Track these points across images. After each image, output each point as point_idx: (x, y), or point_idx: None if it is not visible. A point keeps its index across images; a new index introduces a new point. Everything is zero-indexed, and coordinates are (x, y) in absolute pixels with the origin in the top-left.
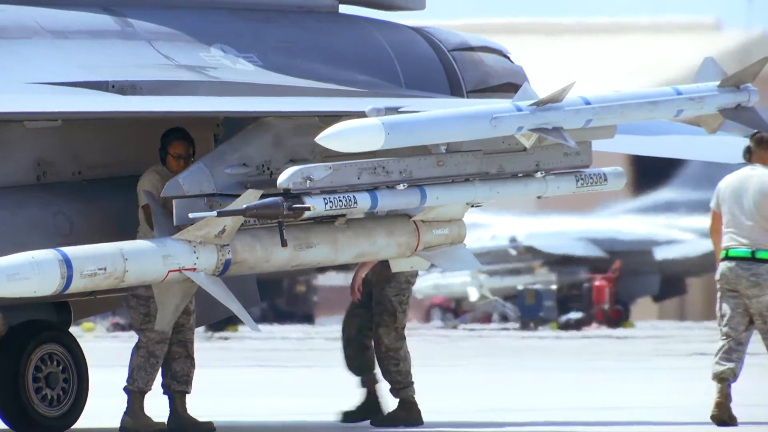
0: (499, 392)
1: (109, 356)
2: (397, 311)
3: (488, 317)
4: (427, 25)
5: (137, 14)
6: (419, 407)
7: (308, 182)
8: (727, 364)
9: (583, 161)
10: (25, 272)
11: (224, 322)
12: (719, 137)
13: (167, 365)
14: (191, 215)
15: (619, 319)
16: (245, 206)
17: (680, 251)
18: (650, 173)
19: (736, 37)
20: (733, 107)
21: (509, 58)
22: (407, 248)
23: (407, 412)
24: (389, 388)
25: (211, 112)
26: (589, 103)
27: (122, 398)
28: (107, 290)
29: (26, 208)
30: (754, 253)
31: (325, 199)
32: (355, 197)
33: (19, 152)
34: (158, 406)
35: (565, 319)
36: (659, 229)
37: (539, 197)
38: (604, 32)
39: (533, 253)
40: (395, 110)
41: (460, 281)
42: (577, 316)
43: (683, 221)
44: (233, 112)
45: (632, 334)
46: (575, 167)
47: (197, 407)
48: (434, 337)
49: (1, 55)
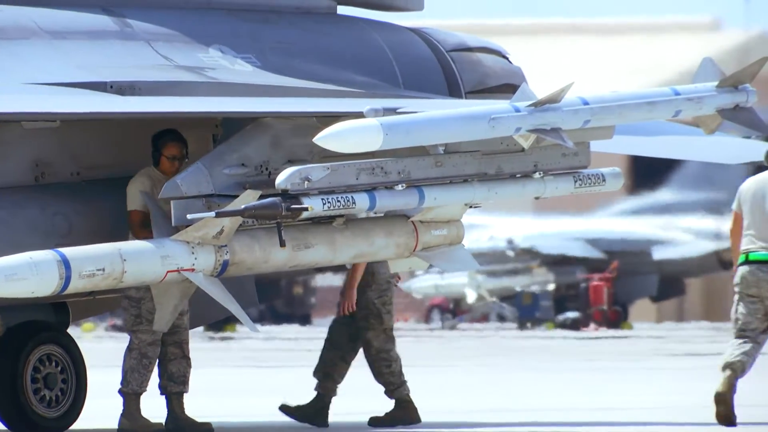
0: (497, 392)
1: (107, 357)
2: (382, 313)
3: (486, 317)
4: (425, 25)
5: (136, 15)
6: (415, 405)
7: (306, 183)
8: (739, 356)
9: (581, 162)
10: (23, 273)
11: (223, 322)
12: (717, 138)
13: (163, 366)
14: (189, 216)
15: (617, 319)
16: (243, 207)
17: (678, 252)
18: (648, 174)
19: (734, 37)
20: (731, 108)
21: (507, 58)
22: (405, 249)
23: (404, 410)
24: (384, 390)
25: (209, 112)
26: (587, 103)
27: (120, 399)
28: (106, 291)
29: (24, 208)
30: None
31: (323, 199)
32: (353, 198)
33: (17, 153)
34: (157, 406)
35: (562, 319)
36: (657, 229)
37: (537, 198)
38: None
39: (531, 253)
40: (393, 111)
41: (458, 282)
42: (574, 316)
43: (681, 222)
44: (232, 112)
45: (630, 334)
46: (573, 168)
47: (195, 407)
48: (433, 337)
49: None
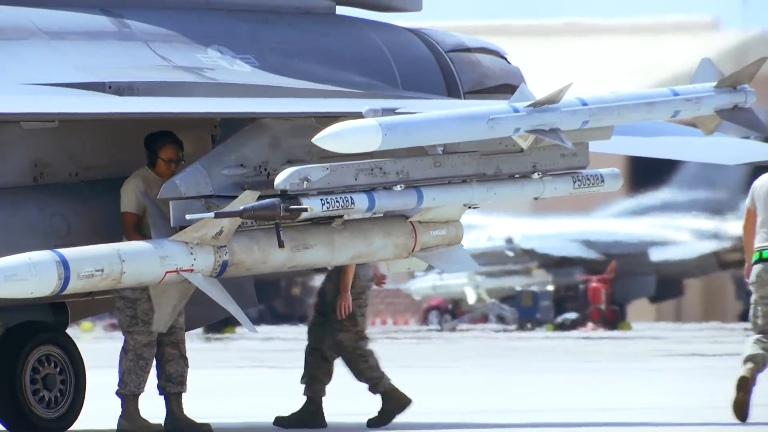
0: (496, 393)
1: (106, 357)
2: (356, 315)
3: (485, 318)
4: (424, 26)
5: (134, 15)
6: (401, 391)
7: (305, 183)
8: (761, 350)
9: (580, 162)
10: (22, 273)
11: (222, 323)
12: (716, 138)
13: (161, 367)
14: (188, 216)
15: (615, 320)
16: (242, 207)
17: (676, 252)
18: (647, 174)
19: (733, 37)
20: (730, 108)
21: (506, 59)
22: (404, 249)
23: (394, 401)
24: (367, 387)
25: (208, 113)
26: (585, 104)
27: (118, 400)
28: (104, 291)
29: (23, 209)
30: None
31: (322, 200)
32: (352, 198)
33: (15, 153)
34: (155, 406)
35: (561, 320)
36: (656, 230)
37: (536, 198)
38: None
39: (530, 254)
40: (392, 111)
41: (457, 282)
42: (573, 316)
43: (680, 222)
44: (230, 113)
45: (629, 335)
46: (572, 168)
47: (194, 408)
48: (431, 338)
49: None
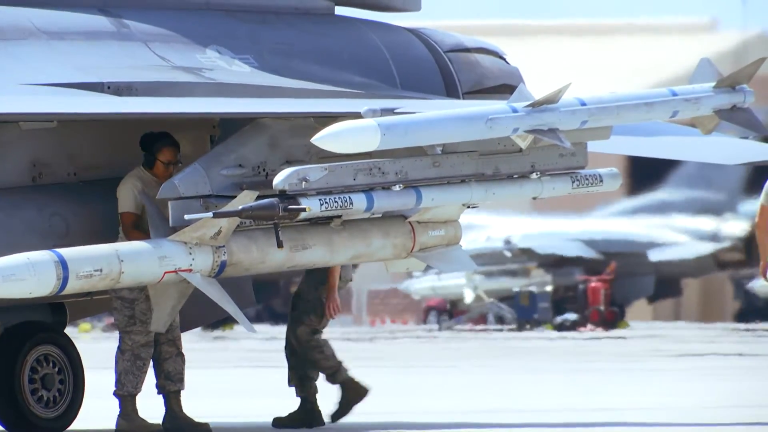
0: (494, 393)
1: (105, 357)
2: (324, 312)
3: (484, 318)
4: (422, 26)
5: (133, 15)
6: (357, 379)
7: (304, 183)
8: None
9: (578, 162)
10: (21, 273)
11: (220, 322)
12: (715, 138)
13: (159, 366)
14: (187, 217)
15: (614, 320)
16: (241, 207)
17: (675, 253)
18: (646, 174)
19: (731, 37)
20: (728, 108)
21: (505, 59)
22: (403, 249)
23: (352, 390)
24: (325, 378)
25: (207, 113)
26: (584, 104)
27: (116, 401)
28: (103, 291)
29: (22, 209)
30: None
31: (320, 200)
32: (350, 198)
33: (14, 153)
34: (154, 406)
35: (560, 320)
36: (654, 230)
37: (535, 198)
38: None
39: (528, 254)
40: (391, 111)
41: (455, 283)
42: (572, 317)
43: (678, 222)
44: (229, 113)
45: (628, 335)
46: (571, 168)
47: (193, 408)
48: (430, 338)
49: None
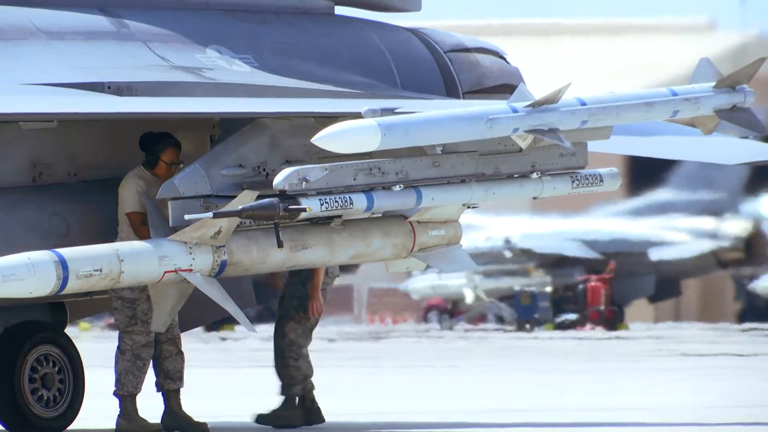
0: (494, 393)
1: (105, 357)
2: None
3: (484, 318)
4: (423, 26)
5: (133, 15)
6: (299, 410)
7: (304, 183)
8: None
9: (578, 162)
10: (20, 273)
11: (220, 322)
12: (715, 138)
13: (159, 364)
14: (187, 217)
15: (614, 320)
16: (241, 207)
17: (675, 252)
18: (646, 174)
19: (731, 37)
20: (728, 108)
21: (505, 59)
22: (403, 249)
23: (290, 414)
24: (280, 384)
25: (207, 113)
26: (584, 104)
27: (116, 401)
28: (103, 291)
29: (22, 209)
30: None
31: (321, 200)
32: (351, 198)
33: (14, 153)
34: (153, 405)
35: (560, 320)
36: (654, 230)
37: (535, 198)
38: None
39: (528, 254)
40: (391, 111)
41: (456, 282)
42: (572, 317)
43: (678, 222)
44: (229, 113)
45: (627, 335)
46: (571, 168)
47: (193, 408)
48: (430, 338)
49: None
